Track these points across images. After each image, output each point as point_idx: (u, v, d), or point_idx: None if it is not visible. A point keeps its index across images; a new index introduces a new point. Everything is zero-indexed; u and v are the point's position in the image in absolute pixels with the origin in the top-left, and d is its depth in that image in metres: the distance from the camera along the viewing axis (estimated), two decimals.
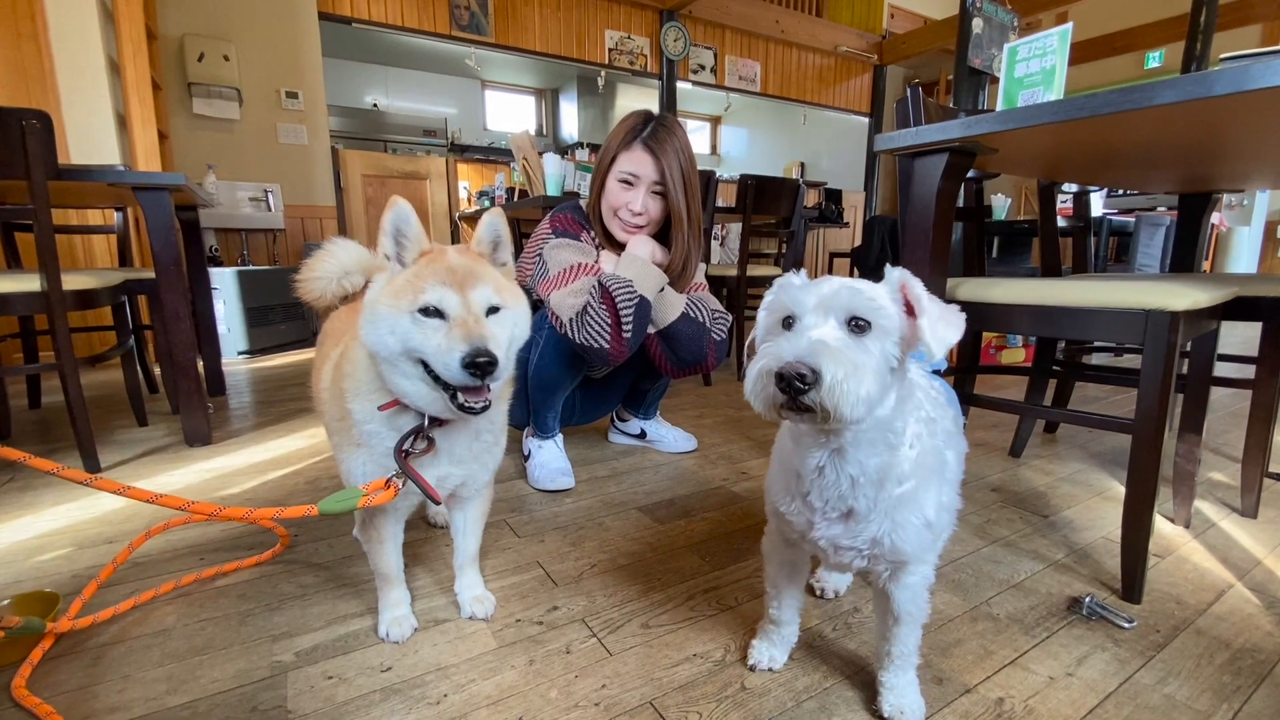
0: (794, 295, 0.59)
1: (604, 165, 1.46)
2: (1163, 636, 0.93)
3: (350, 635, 0.92)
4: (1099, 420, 1.07)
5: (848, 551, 0.67)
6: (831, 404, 0.52)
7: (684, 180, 1.42)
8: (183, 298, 1.76)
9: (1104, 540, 1.23)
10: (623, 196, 1.43)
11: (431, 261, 0.74)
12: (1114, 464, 1.68)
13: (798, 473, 0.66)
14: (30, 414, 2.16)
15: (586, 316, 1.30)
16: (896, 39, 6.70)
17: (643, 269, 1.37)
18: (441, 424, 0.80)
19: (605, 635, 0.92)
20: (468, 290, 0.72)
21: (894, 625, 0.72)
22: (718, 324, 1.50)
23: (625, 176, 1.42)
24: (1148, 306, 0.94)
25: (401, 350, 0.72)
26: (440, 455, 0.83)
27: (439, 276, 0.72)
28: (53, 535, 1.25)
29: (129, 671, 0.85)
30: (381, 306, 0.72)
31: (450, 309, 0.71)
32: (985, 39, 3.10)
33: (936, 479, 0.65)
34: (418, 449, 0.80)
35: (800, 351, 0.53)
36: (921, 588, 0.70)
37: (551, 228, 1.48)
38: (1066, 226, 2.09)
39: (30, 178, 1.45)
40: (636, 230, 1.46)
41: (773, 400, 0.55)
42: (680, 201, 1.42)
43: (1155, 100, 0.78)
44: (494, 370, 0.69)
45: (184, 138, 3.76)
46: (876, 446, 0.61)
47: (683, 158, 1.42)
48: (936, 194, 1.08)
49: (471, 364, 0.67)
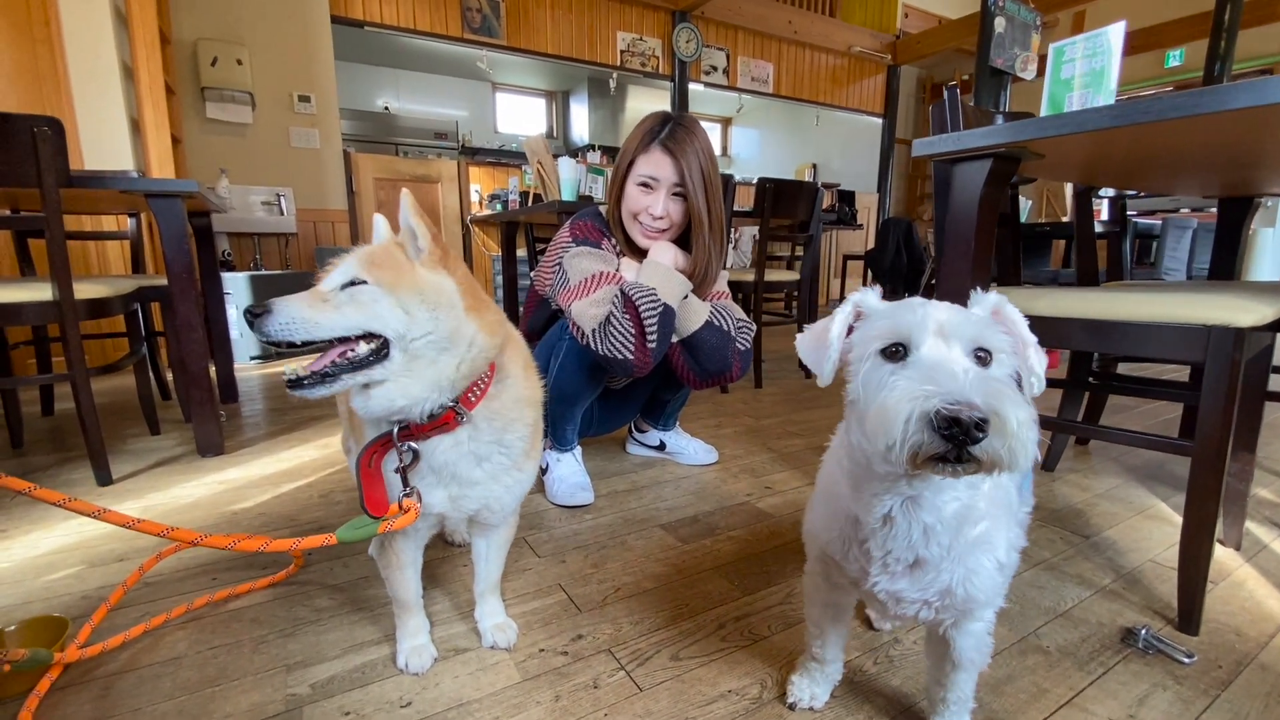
0: (906, 318, 0.51)
1: (622, 169, 1.42)
2: (1225, 673, 0.88)
3: (368, 665, 0.88)
4: (1156, 441, 1.01)
5: (912, 605, 0.61)
6: (1008, 455, 0.43)
7: (704, 181, 1.37)
8: (195, 306, 1.73)
9: (1152, 564, 1.17)
10: (642, 200, 1.39)
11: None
12: (1151, 479, 1.61)
13: (856, 518, 0.61)
14: (44, 422, 2.14)
15: (610, 327, 1.26)
16: (911, 39, 6.63)
17: (666, 276, 1.33)
18: (415, 436, 0.75)
19: (634, 668, 0.88)
20: (332, 268, 0.73)
21: (953, 671, 0.66)
22: (742, 334, 1.46)
23: (644, 180, 1.38)
24: (1210, 322, 0.89)
25: None
26: (443, 475, 0.78)
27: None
28: (64, 552, 1.22)
29: (139, 705, 0.81)
30: None
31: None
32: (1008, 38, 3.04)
33: (1007, 514, 0.60)
34: (404, 461, 0.76)
35: (968, 391, 0.43)
36: (985, 633, 0.64)
37: (572, 235, 1.44)
38: (1100, 231, 2.02)
39: (42, 185, 1.42)
40: (658, 235, 1.42)
41: (922, 450, 0.44)
42: (701, 203, 1.37)
43: (1228, 105, 0.73)
44: (260, 318, 0.67)
45: (197, 142, 3.76)
46: (958, 488, 0.55)
47: (703, 158, 1.37)
48: (979, 202, 1.03)
49: (247, 310, 0.68)
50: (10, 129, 1.38)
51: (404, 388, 0.71)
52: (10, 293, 1.45)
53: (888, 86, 6.93)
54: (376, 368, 0.70)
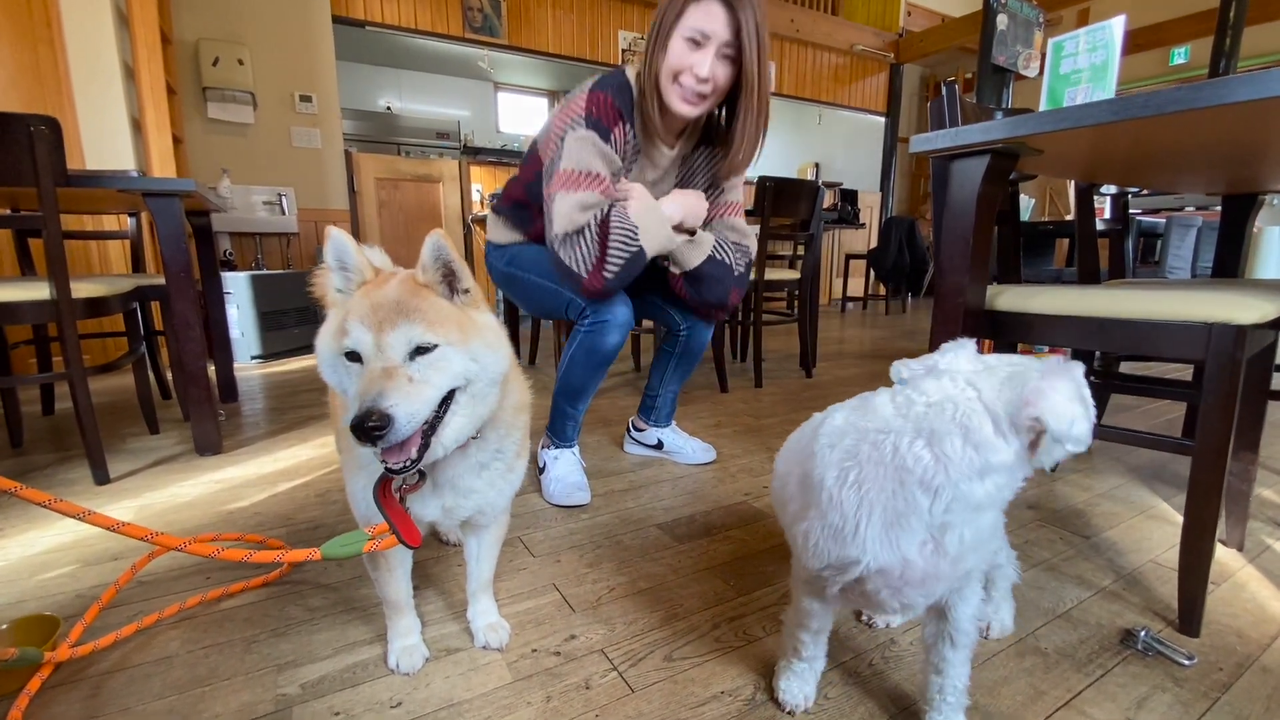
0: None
1: (668, 22, 1.25)
2: (1226, 675, 0.86)
3: (359, 665, 0.88)
4: (1157, 440, 1.00)
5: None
6: None
7: (758, 45, 1.23)
8: (193, 305, 1.73)
9: (1153, 564, 1.16)
10: (688, 58, 1.23)
11: (364, 295, 0.68)
12: (1154, 479, 1.60)
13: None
14: (43, 421, 2.14)
15: (579, 239, 1.24)
16: (913, 37, 6.60)
17: (658, 225, 1.31)
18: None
19: (626, 669, 0.87)
20: (385, 331, 0.64)
21: (951, 651, 0.66)
22: (739, 260, 1.45)
23: (694, 35, 1.22)
24: (1210, 319, 0.87)
25: (342, 392, 0.69)
26: (442, 487, 0.78)
27: (360, 314, 0.65)
28: (58, 551, 1.22)
29: (129, 704, 0.81)
30: (322, 347, 0.69)
31: (365, 354, 0.64)
32: (1010, 35, 3.02)
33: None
34: (409, 483, 0.75)
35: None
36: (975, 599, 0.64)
37: (586, 109, 1.27)
38: (1101, 229, 2.01)
39: (39, 184, 1.42)
40: (698, 102, 1.28)
41: None
42: (753, 69, 1.24)
43: (1227, 98, 0.72)
44: (384, 433, 0.59)
45: (199, 142, 3.77)
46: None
47: (760, 16, 1.22)
48: (977, 198, 1.02)
49: (358, 427, 0.59)
50: (7, 128, 1.38)
51: (458, 428, 0.70)
52: (8, 292, 1.45)
53: (890, 85, 6.91)
54: (445, 418, 0.69)
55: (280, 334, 3.42)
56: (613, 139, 1.27)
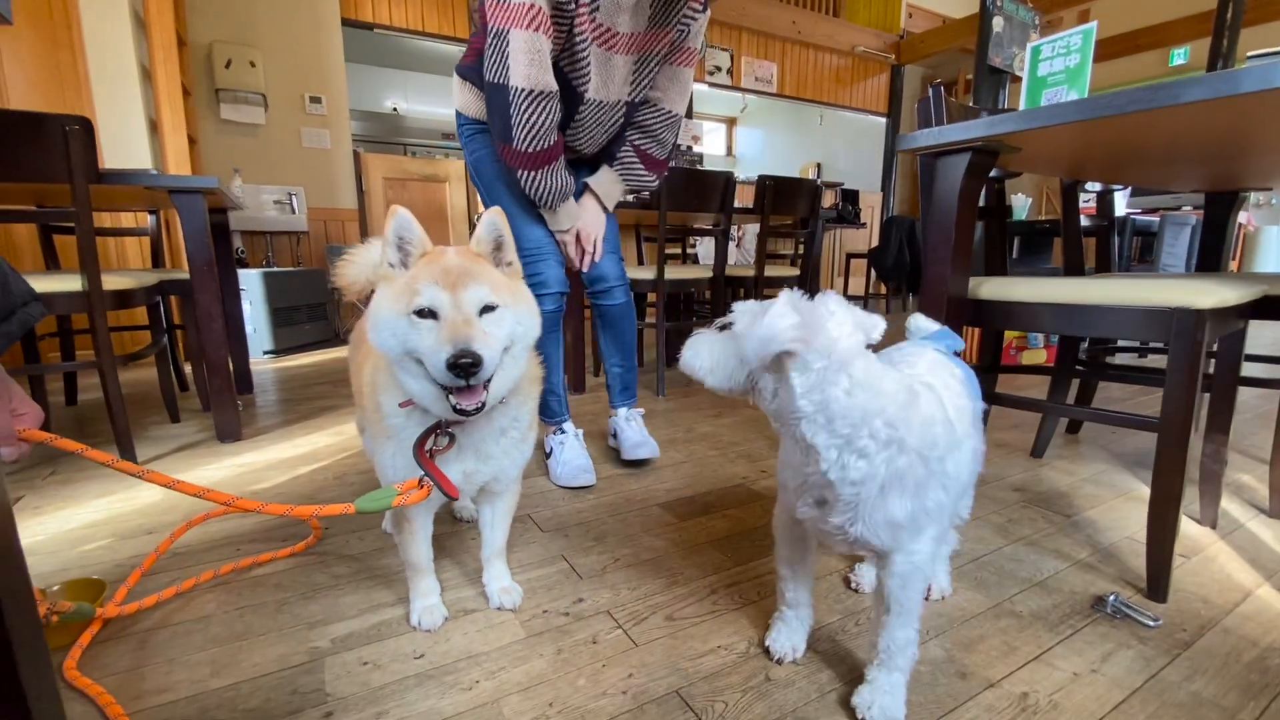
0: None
1: None
2: (1189, 635, 0.93)
3: (383, 624, 0.95)
4: (1124, 419, 1.07)
5: (833, 538, 0.72)
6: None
7: None
8: (215, 298, 1.81)
9: (1128, 540, 1.23)
10: None
11: (429, 263, 0.76)
12: (1138, 465, 1.66)
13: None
14: (68, 410, 2.22)
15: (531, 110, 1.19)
16: (914, 38, 6.66)
17: (565, 215, 1.40)
18: (462, 421, 0.82)
19: (630, 627, 0.94)
20: (459, 290, 0.73)
21: (884, 615, 0.73)
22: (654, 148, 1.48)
23: None
24: (1172, 304, 0.94)
25: (402, 351, 0.74)
26: (465, 451, 0.85)
27: (432, 277, 0.73)
28: (94, 526, 1.29)
29: (174, 655, 0.88)
30: (384, 310, 0.75)
31: (442, 309, 0.73)
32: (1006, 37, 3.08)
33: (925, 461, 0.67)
34: (440, 445, 0.82)
35: None
36: (914, 577, 0.70)
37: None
38: (1090, 226, 2.07)
39: (72, 182, 1.50)
40: None
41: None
42: None
43: (1182, 98, 0.79)
44: (477, 370, 0.69)
45: (212, 142, 3.85)
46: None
47: None
48: (959, 193, 1.09)
49: (455, 364, 0.68)
50: (43, 128, 1.46)
51: (501, 384, 0.79)
52: (41, 284, 1.53)
53: (892, 86, 6.97)
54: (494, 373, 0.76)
55: (291, 329, 3.50)
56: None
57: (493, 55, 1.17)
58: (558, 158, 1.30)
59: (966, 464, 0.74)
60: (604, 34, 1.25)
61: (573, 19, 1.19)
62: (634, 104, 1.43)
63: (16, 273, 0.69)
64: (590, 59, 1.26)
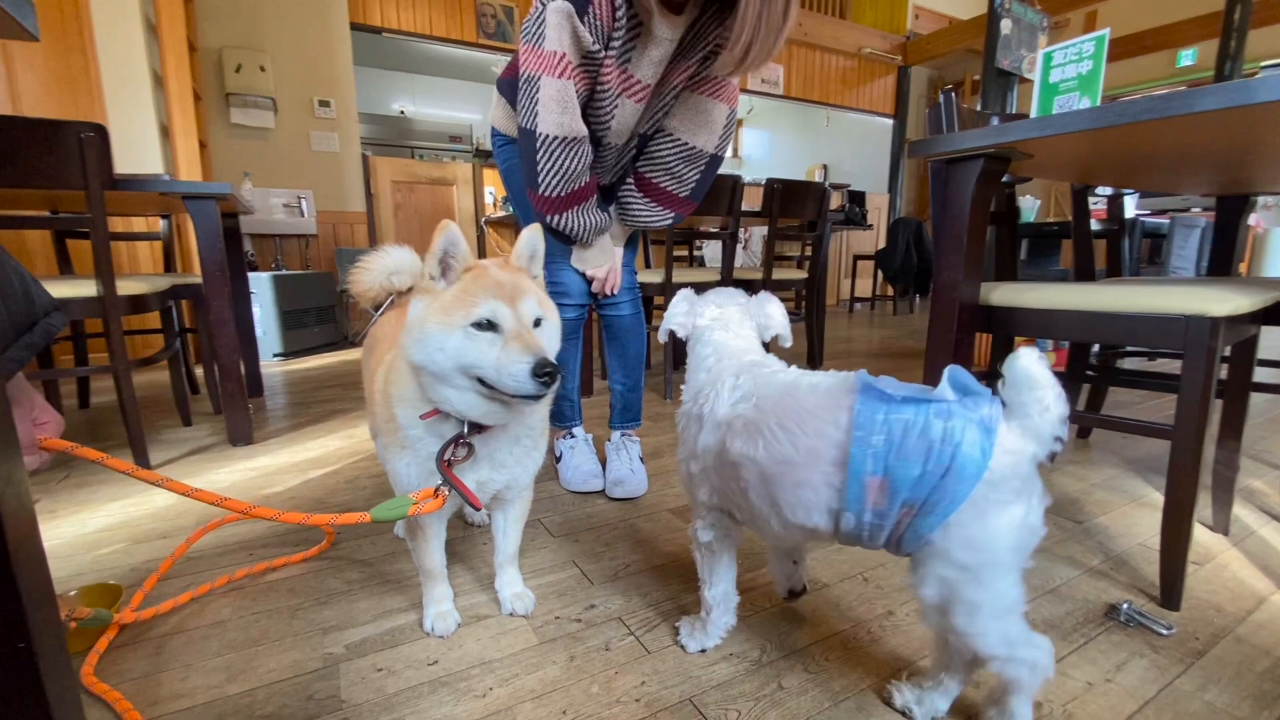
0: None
1: None
2: (1202, 644, 0.93)
3: (397, 629, 0.96)
4: (1138, 426, 1.06)
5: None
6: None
7: None
8: (228, 303, 1.82)
9: (1141, 547, 1.22)
10: None
11: (478, 277, 0.77)
12: (1150, 470, 1.65)
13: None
14: (80, 414, 2.24)
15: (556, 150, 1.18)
16: (921, 40, 6.65)
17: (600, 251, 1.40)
18: (481, 431, 0.83)
19: (643, 634, 0.94)
20: (518, 303, 0.75)
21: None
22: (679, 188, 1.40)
23: None
24: (1187, 312, 0.94)
25: (454, 365, 0.74)
26: (480, 461, 0.86)
27: (490, 290, 0.74)
28: (109, 530, 1.30)
29: (190, 660, 0.89)
30: (431, 324, 0.74)
31: (504, 321, 0.74)
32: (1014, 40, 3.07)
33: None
34: (458, 456, 0.82)
35: None
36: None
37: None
38: (1100, 229, 2.06)
39: (88, 188, 1.52)
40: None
41: None
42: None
43: (1196, 108, 0.78)
44: (557, 380, 0.72)
45: (222, 146, 3.88)
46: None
47: None
48: (971, 200, 1.09)
49: (541, 374, 0.71)
50: (59, 134, 1.47)
51: None
52: (56, 289, 1.54)
53: (898, 87, 6.96)
54: None
55: (301, 332, 3.52)
56: (591, 12, 1.11)
57: (524, 100, 1.18)
58: (590, 196, 1.30)
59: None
60: (629, 83, 1.24)
61: (599, 67, 1.19)
62: (646, 135, 1.37)
63: (38, 283, 0.70)
64: (611, 106, 1.26)
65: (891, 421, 0.64)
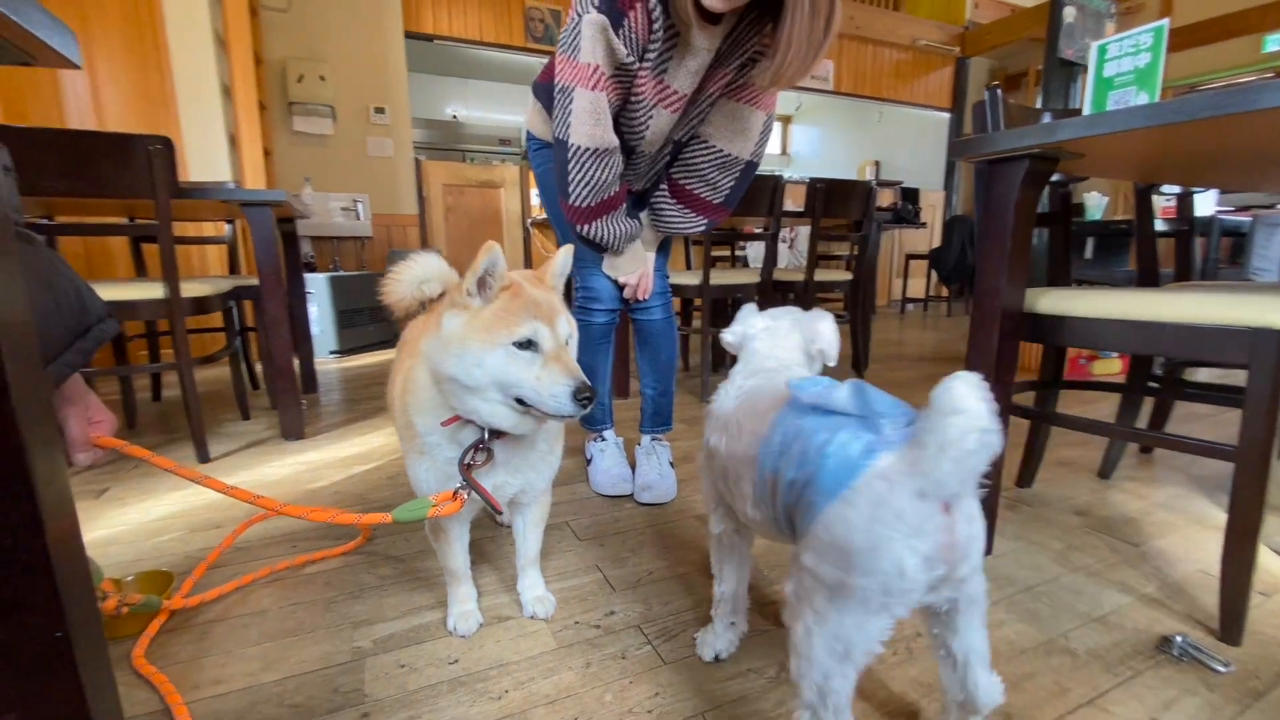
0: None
1: None
2: (1263, 683, 0.85)
3: (422, 627, 0.98)
4: (1194, 445, 0.99)
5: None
6: None
7: None
8: (282, 304, 1.91)
9: (1201, 574, 1.14)
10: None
11: (516, 295, 0.78)
12: (1218, 489, 1.54)
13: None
14: (153, 406, 2.40)
15: (587, 159, 1.20)
16: (981, 30, 6.37)
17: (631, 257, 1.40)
18: (499, 437, 0.84)
19: (660, 643, 0.94)
20: (555, 323, 0.78)
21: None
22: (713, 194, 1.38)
23: None
24: (1254, 324, 0.87)
25: (492, 382, 0.76)
26: (497, 466, 0.87)
27: (530, 310, 0.76)
28: (170, 519, 1.39)
29: (231, 648, 0.94)
30: (473, 341, 0.75)
31: (543, 341, 0.77)
32: (1078, 28, 2.90)
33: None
34: (478, 461, 0.84)
35: None
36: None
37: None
38: (1168, 229, 1.93)
39: (155, 197, 1.62)
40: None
41: None
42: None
43: (1259, 104, 0.72)
44: (594, 403, 0.75)
45: (284, 153, 4.07)
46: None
47: None
48: (1015, 203, 1.04)
49: (580, 397, 0.75)
50: (130, 148, 1.58)
51: None
52: (127, 291, 1.65)
53: (956, 80, 6.69)
54: None
55: (355, 331, 3.67)
56: (626, 25, 1.09)
57: (558, 110, 1.19)
58: (619, 205, 1.31)
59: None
60: (665, 93, 1.23)
61: (633, 78, 1.18)
62: (681, 142, 1.37)
63: (92, 290, 0.75)
64: (646, 116, 1.25)
65: (789, 427, 0.67)
